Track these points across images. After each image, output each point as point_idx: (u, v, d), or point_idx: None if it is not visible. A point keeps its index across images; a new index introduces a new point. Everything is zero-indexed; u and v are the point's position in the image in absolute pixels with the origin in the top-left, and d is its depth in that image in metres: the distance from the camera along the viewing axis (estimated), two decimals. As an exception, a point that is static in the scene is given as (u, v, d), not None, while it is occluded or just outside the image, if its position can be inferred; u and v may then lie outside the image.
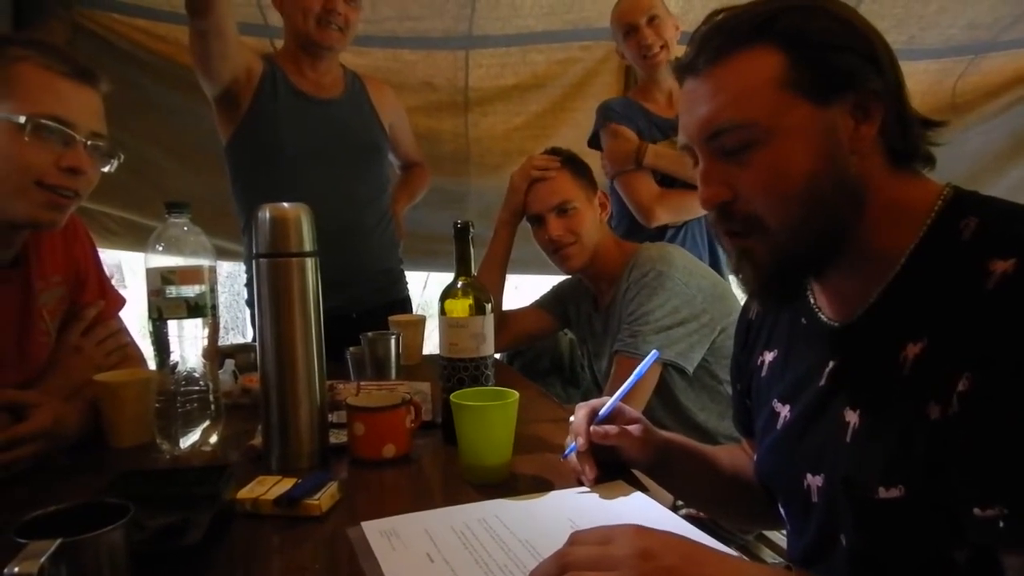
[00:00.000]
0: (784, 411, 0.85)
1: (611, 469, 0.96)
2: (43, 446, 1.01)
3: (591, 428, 0.94)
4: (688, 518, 0.94)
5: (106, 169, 1.12)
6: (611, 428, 0.94)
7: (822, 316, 0.81)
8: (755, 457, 0.93)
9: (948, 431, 0.62)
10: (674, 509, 1.62)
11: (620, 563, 0.56)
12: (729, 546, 0.83)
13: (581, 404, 0.99)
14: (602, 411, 0.96)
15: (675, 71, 0.78)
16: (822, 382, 0.78)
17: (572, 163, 1.70)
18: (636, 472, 1.00)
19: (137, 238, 2.57)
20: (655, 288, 1.54)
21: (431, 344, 1.83)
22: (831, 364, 0.78)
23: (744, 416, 1.00)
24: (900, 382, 0.68)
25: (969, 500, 0.60)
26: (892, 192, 0.72)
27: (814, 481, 0.78)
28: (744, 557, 0.71)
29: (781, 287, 0.77)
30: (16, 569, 0.52)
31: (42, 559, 0.53)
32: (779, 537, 1.68)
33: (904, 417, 0.67)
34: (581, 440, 0.94)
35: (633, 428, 0.95)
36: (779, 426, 0.85)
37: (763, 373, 0.91)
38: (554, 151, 1.74)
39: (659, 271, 1.56)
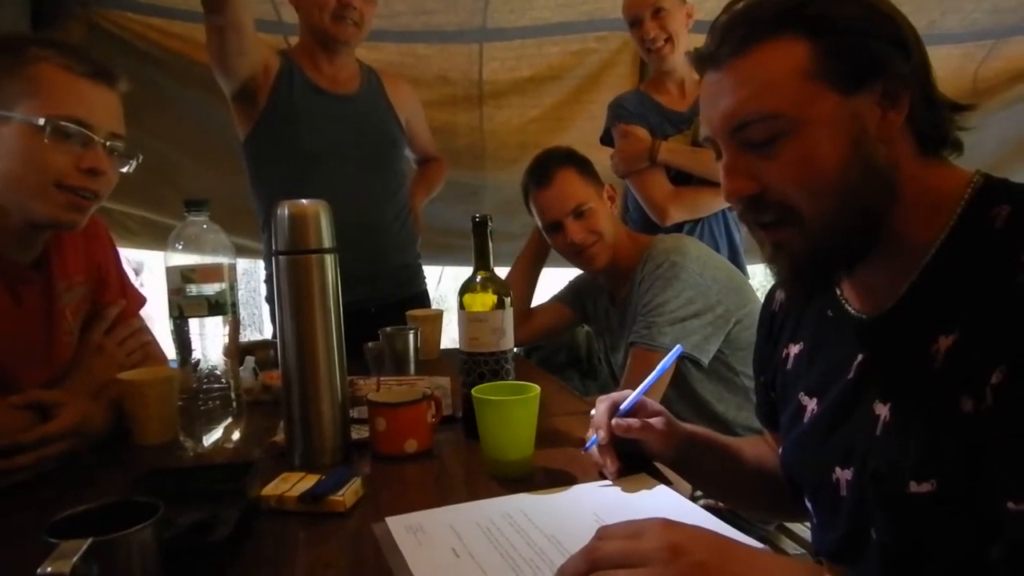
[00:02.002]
0: (811, 404, 0.84)
1: (634, 462, 0.95)
2: (70, 445, 1.02)
3: (613, 421, 0.93)
4: (708, 508, 0.93)
5: (125, 170, 1.13)
6: (633, 421, 0.93)
7: (850, 308, 0.79)
8: (780, 450, 0.92)
9: (982, 424, 0.61)
10: (692, 499, 1.63)
11: (649, 558, 0.56)
12: (750, 536, 0.83)
13: (603, 397, 0.99)
14: (624, 405, 0.96)
15: (694, 62, 0.77)
16: (850, 375, 0.77)
17: (575, 161, 1.67)
18: (658, 464, 1.00)
19: (156, 237, 2.59)
20: (669, 279, 1.54)
21: (447, 338, 1.84)
22: (859, 357, 0.77)
23: (768, 409, 0.99)
24: (932, 375, 0.66)
25: (1004, 494, 0.59)
26: (922, 180, 0.71)
27: (843, 475, 0.77)
28: (771, 551, 0.70)
29: (816, 278, 0.76)
30: (49, 569, 0.52)
31: (74, 559, 0.53)
32: (801, 528, 1.67)
33: (936, 410, 0.66)
34: (603, 433, 0.93)
35: (655, 421, 0.95)
36: (806, 420, 0.84)
37: (788, 366, 0.90)
38: (553, 151, 1.72)
39: (673, 262, 1.55)
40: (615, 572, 0.56)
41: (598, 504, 0.85)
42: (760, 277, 4.25)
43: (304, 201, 1.02)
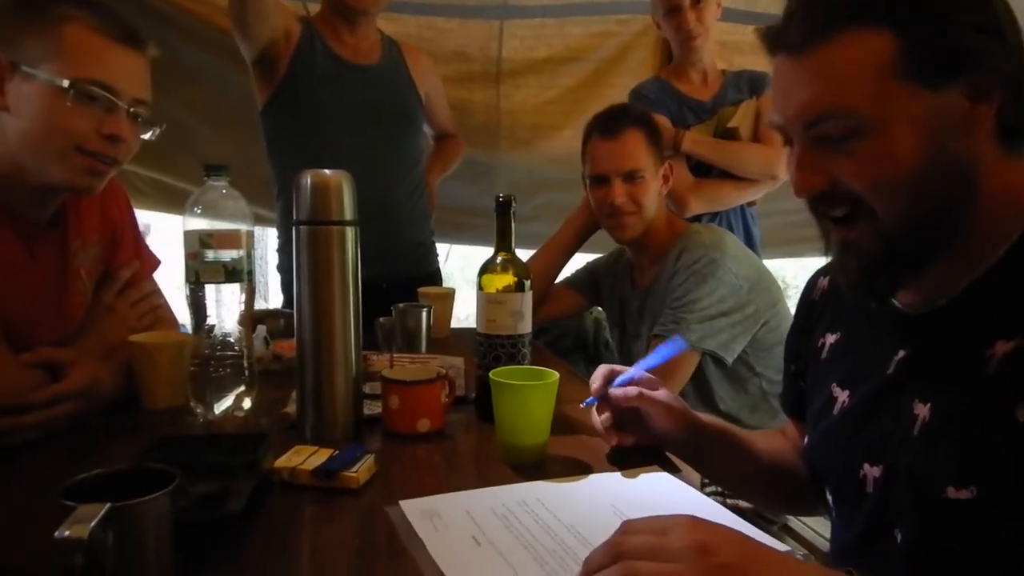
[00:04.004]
0: (843, 396, 0.81)
1: (645, 453, 0.94)
2: (80, 405, 1.01)
3: (611, 389, 0.94)
4: (718, 502, 0.92)
5: (147, 136, 1.11)
6: (631, 389, 0.93)
7: (895, 302, 0.76)
8: (805, 440, 0.90)
9: None
10: (700, 489, 1.62)
11: (676, 555, 0.54)
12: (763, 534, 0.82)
13: (603, 365, 0.99)
14: (620, 377, 0.96)
15: (764, 41, 0.72)
16: (890, 370, 0.75)
17: (647, 126, 1.61)
18: (670, 455, 0.98)
19: (165, 199, 2.56)
20: (705, 276, 1.50)
21: (455, 317, 1.82)
22: (901, 352, 0.74)
23: (795, 397, 0.97)
24: (984, 379, 0.64)
25: None
26: (1001, 176, 0.67)
27: (871, 471, 0.75)
28: (798, 558, 0.69)
29: (887, 279, 0.73)
30: (67, 533, 0.51)
31: (92, 523, 0.52)
32: (805, 528, 1.67)
33: (986, 417, 0.63)
34: (596, 386, 0.94)
35: (658, 394, 0.94)
36: (836, 411, 0.82)
37: (823, 356, 0.88)
38: (631, 107, 1.68)
39: (712, 259, 1.52)
40: (641, 564, 0.55)
41: (614, 495, 0.84)
42: (773, 271, 4.25)
43: (327, 171, 1.00)
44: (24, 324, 1.04)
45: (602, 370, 0.98)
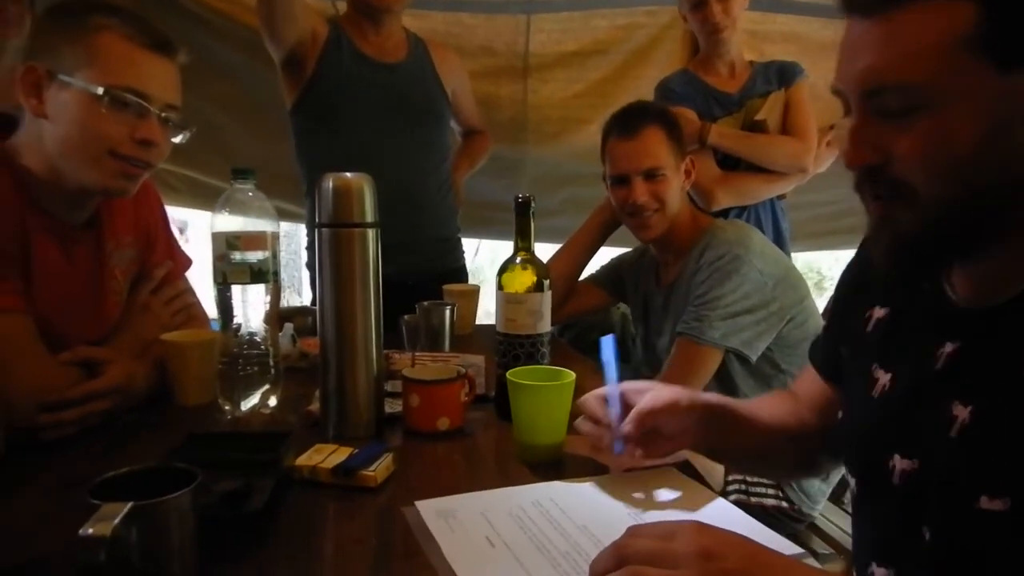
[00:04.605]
0: (884, 379, 0.77)
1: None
2: (115, 402, 1.05)
3: (626, 426, 0.86)
4: (739, 504, 0.92)
5: (177, 140, 1.14)
6: (644, 412, 0.86)
7: (950, 291, 0.72)
8: (840, 416, 0.86)
9: None
10: (724, 492, 1.62)
11: (680, 560, 0.55)
12: (780, 534, 0.81)
13: (587, 397, 0.93)
14: (612, 404, 0.89)
15: (842, 2, 0.67)
16: (939, 365, 0.70)
17: (666, 122, 1.59)
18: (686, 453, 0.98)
19: (198, 196, 2.62)
20: (729, 272, 1.49)
21: (481, 310, 1.84)
22: (949, 346, 0.70)
23: (830, 357, 0.92)
24: None
25: None
26: None
27: (901, 463, 0.71)
28: (804, 563, 0.68)
29: (916, 263, 0.71)
30: (90, 530, 0.54)
31: (115, 521, 0.55)
32: (831, 527, 1.65)
33: None
34: (630, 427, 0.86)
35: (657, 399, 0.88)
36: (875, 394, 0.78)
37: (868, 329, 0.83)
38: (648, 105, 1.67)
39: (736, 255, 1.50)
40: (646, 569, 0.55)
41: (629, 496, 0.85)
42: (801, 264, 4.18)
43: (348, 175, 1.02)
44: (62, 324, 1.08)
45: (598, 406, 0.91)
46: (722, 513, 0.83)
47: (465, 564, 0.68)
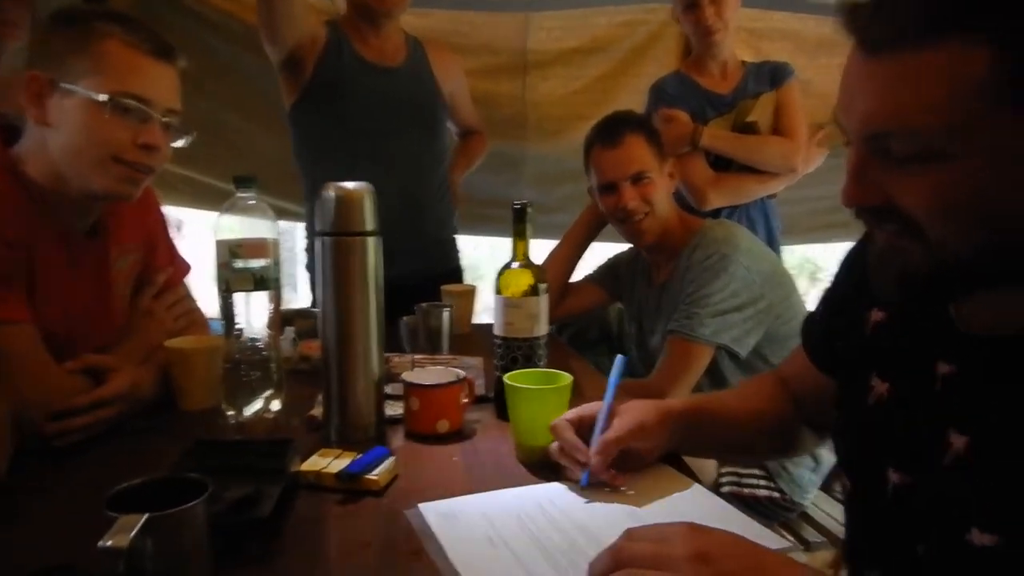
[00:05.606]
0: (881, 388, 0.76)
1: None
2: (121, 408, 1.07)
3: (594, 455, 0.87)
4: (733, 495, 0.94)
5: (179, 144, 1.16)
6: (611, 443, 0.87)
7: (951, 311, 0.69)
8: (834, 421, 0.86)
9: None
10: (716, 486, 1.64)
11: (676, 564, 0.56)
12: (772, 524, 0.82)
13: (559, 424, 0.92)
14: (597, 430, 0.89)
15: (842, 21, 0.62)
16: (936, 386, 0.69)
17: (646, 128, 1.65)
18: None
19: (198, 196, 2.63)
20: (717, 271, 1.53)
21: (478, 306, 1.86)
22: (945, 367, 0.68)
23: (823, 346, 0.91)
24: None
25: None
26: None
27: (895, 477, 0.71)
28: (801, 563, 0.70)
29: (925, 295, 0.67)
30: (109, 543, 0.56)
31: (132, 533, 0.57)
32: (824, 516, 1.68)
33: (1022, 467, 0.59)
34: (595, 461, 0.86)
35: (625, 425, 0.88)
36: (871, 402, 0.77)
37: (867, 331, 0.81)
38: (627, 114, 1.70)
39: (724, 254, 1.54)
40: (643, 572, 0.57)
41: (626, 495, 0.87)
42: (798, 257, 4.20)
43: (349, 184, 1.03)
44: (67, 331, 1.10)
45: (572, 437, 0.90)
46: (714, 508, 0.85)
47: (468, 564, 0.71)
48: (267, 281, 1.11)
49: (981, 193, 0.58)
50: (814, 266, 5.41)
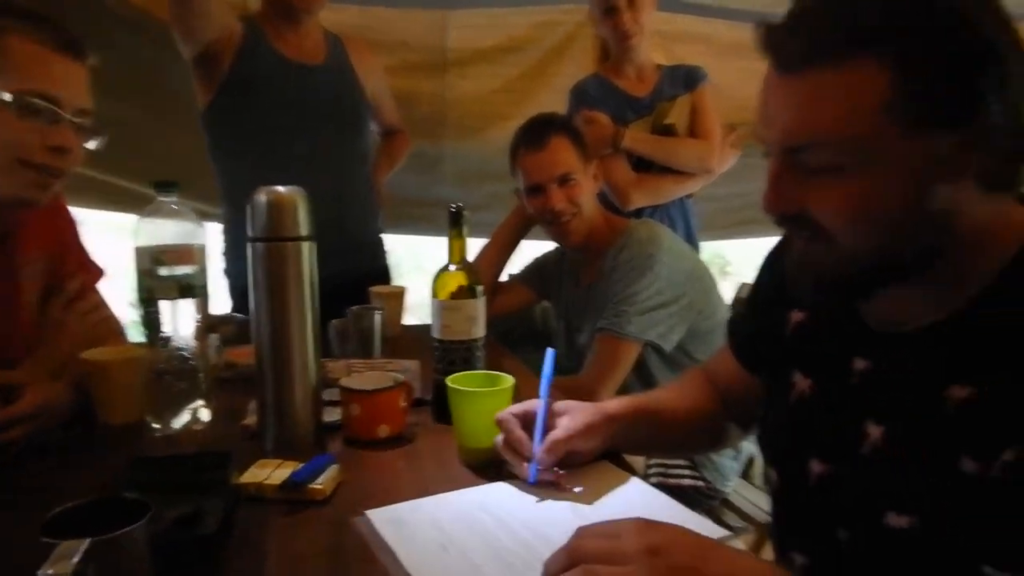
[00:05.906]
0: (803, 385, 0.81)
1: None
2: (34, 426, 1.01)
3: (540, 454, 0.89)
4: (660, 485, 0.98)
5: (91, 146, 1.10)
6: (558, 443, 0.89)
7: (861, 310, 0.75)
8: (760, 419, 0.92)
9: (982, 490, 0.59)
10: (645, 476, 1.70)
11: (629, 558, 0.59)
12: (695, 511, 0.87)
13: (504, 416, 0.93)
14: (538, 429, 0.91)
15: (759, 43, 0.66)
16: (853, 380, 0.74)
17: (570, 131, 1.69)
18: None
19: (106, 197, 2.48)
20: (643, 270, 1.59)
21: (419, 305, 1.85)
22: (860, 363, 0.74)
23: (747, 346, 0.97)
24: (936, 421, 0.64)
25: (985, 556, 0.58)
26: (980, 218, 0.65)
27: (818, 467, 0.76)
28: (751, 554, 0.73)
29: (838, 300, 0.75)
30: (50, 571, 0.53)
31: (74, 559, 0.54)
32: (745, 503, 1.77)
33: (934, 458, 0.64)
34: (544, 458, 0.88)
35: (570, 424, 0.91)
36: (794, 398, 0.82)
37: (788, 332, 0.86)
38: (551, 116, 1.73)
39: (649, 253, 1.60)
40: (599, 567, 0.59)
41: (569, 491, 0.89)
42: (708, 253, 4.38)
43: (281, 189, 1.01)
44: (-27, 345, 1.03)
45: (519, 433, 0.91)
46: (655, 501, 0.89)
47: (421, 569, 0.71)
48: (194, 288, 1.07)
49: (884, 202, 0.63)
50: (723, 260, 5.66)
